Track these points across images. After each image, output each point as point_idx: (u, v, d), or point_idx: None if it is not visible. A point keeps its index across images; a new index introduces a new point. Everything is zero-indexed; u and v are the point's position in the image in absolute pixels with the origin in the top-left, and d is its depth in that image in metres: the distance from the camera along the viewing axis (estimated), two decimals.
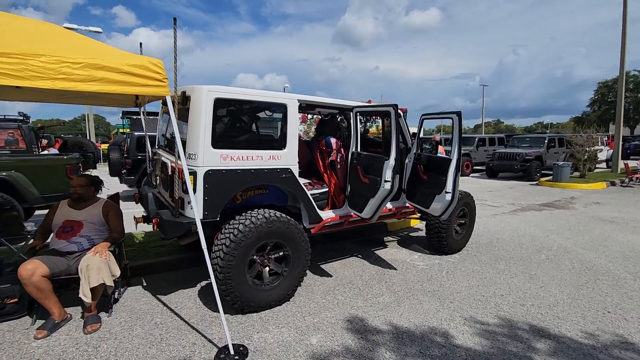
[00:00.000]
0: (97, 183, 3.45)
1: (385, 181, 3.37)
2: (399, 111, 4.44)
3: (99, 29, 17.98)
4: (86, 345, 2.74)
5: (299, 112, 4.40)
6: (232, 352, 2.57)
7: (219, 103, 3.03)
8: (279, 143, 3.39)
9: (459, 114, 3.73)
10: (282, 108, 3.38)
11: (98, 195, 3.53)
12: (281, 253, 3.40)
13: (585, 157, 13.35)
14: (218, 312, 3.25)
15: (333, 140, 4.03)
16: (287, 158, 3.42)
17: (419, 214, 4.96)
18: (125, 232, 3.57)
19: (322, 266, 4.54)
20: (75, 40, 2.41)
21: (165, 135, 3.86)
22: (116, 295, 3.51)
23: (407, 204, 4.53)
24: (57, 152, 9.87)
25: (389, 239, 5.82)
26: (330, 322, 3.15)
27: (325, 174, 4.09)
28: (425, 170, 4.29)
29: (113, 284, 3.00)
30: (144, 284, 3.91)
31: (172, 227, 3.03)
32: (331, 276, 4.21)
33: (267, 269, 3.37)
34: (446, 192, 3.88)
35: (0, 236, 3.54)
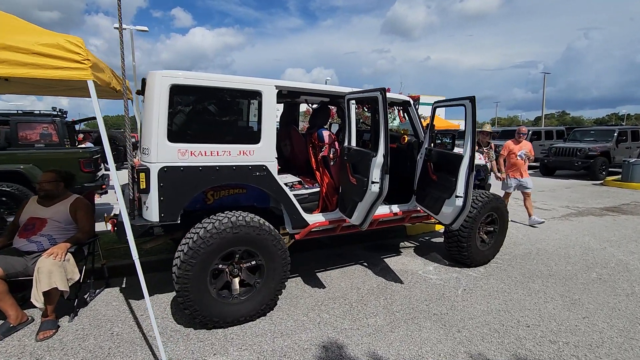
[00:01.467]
0: (68, 179, 3.27)
1: (373, 182, 2.79)
2: (409, 100, 3.79)
3: (145, 28, 18.77)
4: (29, 356, 2.53)
5: (283, 101, 3.92)
6: None
7: (177, 90, 2.65)
8: (252, 136, 2.94)
9: (472, 99, 3.00)
10: (255, 95, 2.93)
11: (71, 192, 3.35)
12: (253, 262, 2.97)
13: None
14: (182, 324, 2.95)
15: (326, 134, 3.50)
16: (262, 153, 2.97)
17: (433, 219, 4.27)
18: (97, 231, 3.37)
19: (319, 274, 4.05)
20: None
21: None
22: (87, 298, 3.33)
23: (418, 208, 3.87)
24: (92, 145, 10.34)
25: (405, 245, 5.17)
26: (302, 348, 2.67)
27: (317, 172, 3.58)
28: (436, 169, 3.60)
29: (67, 289, 2.77)
30: (123, 285, 3.70)
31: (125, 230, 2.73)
32: (324, 287, 3.71)
33: (238, 279, 2.96)
34: (456, 197, 3.19)
35: None
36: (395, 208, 3.84)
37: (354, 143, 3.28)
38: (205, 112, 2.84)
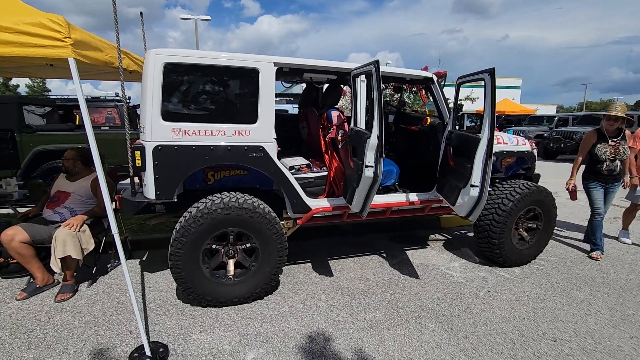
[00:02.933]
0: (88, 157, 3.50)
1: (367, 166, 2.53)
2: (432, 76, 3.40)
3: (208, 17, 19.67)
4: (44, 314, 2.80)
5: (285, 79, 3.75)
6: (147, 352, 2.25)
7: (171, 68, 2.64)
8: (248, 116, 2.85)
9: (491, 72, 2.54)
10: (252, 73, 2.81)
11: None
12: (248, 245, 2.93)
13: None
14: (181, 299, 3.04)
15: (334, 114, 3.27)
16: (259, 134, 2.87)
17: None
18: None
19: (331, 262, 3.90)
20: None
21: None
22: (109, 267, 3.59)
23: (440, 197, 3.49)
24: None
25: (435, 238, 4.76)
26: (287, 335, 2.58)
27: (326, 155, 3.39)
28: (455, 153, 3.18)
29: (80, 257, 3.00)
30: (144, 258, 3.93)
31: (127, 206, 2.85)
32: (331, 276, 3.56)
33: (233, 261, 2.95)
34: (472, 186, 2.78)
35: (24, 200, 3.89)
36: (413, 197, 3.51)
37: (362, 124, 3.02)
38: (200, 90, 2.81)
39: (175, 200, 2.81)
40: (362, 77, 2.92)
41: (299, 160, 3.48)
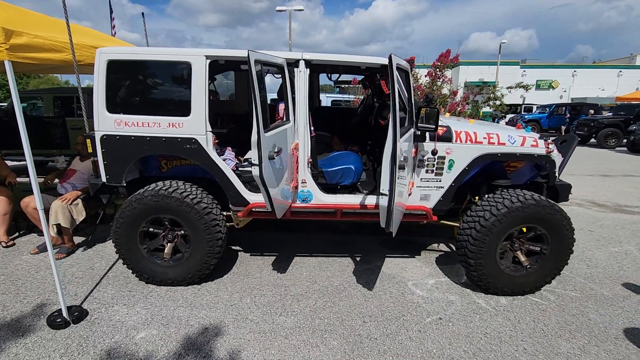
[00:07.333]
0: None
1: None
2: (384, 62, 2.95)
3: (301, 7, 20.32)
4: (34, 269, 3.46)
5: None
6: (64, 314, 2.62)
7: (113, 65, 2.90)
8: (182, 109, 2.95)
9: (389, 58, 2.01)
10: (185, 67, 2.89)
11: None
12: (182, 232, 3.08)
13: None
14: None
15: (281, 107, 3.13)
16: (192, 126, 2.95)
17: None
18: None
19: (296, 258, 3.80)
20: None
21: None
22: (108, 237, 4.20)
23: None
24: None
25: (433, 248, 4.17)
26: (187, 323, 2.67)
27: None
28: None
29: (68, 226, 3.59)
30: None
31: (92, 187, 3.28)
32: (282, 273, 3.48)
33: (171, 245, 3.14)
34: (381, 194, 2.34)
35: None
36: (370, 199, 3.15)
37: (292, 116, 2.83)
38: (138, 84, 3.02)
39: (125, 185, 3.12)
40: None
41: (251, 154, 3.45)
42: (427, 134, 3.00)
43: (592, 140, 15.24)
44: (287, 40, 19.69)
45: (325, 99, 11.62)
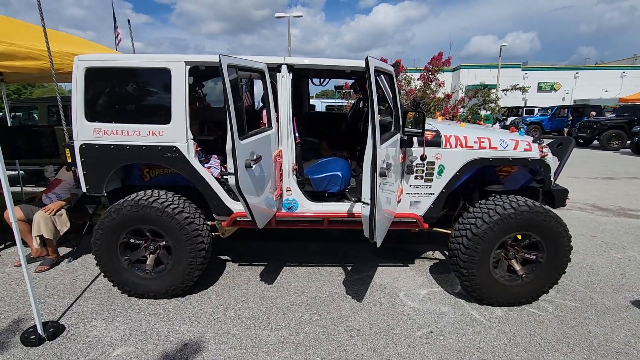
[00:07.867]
0: None
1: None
2: (361, 66, 2.85)
3: (300, 14, 20.39)
4: (15, 282, 3.38)
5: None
6: (39, 330, 2.52)
7: (91, 73, 2.83)
8: (162, 116, 2.87)
9: (366, 61, 1.91)
10: (164, 74, 2.81)
11: None
12: (164, 243, 2.99)
13: None
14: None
15: (264, 113, 3.04)
16: (172, 134, 2.87)
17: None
18: None
19: (285, 269, 3.68)
20: None
21: None
22: None
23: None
24: None
25: (430, 256, 4.04)
26: (166, 339, 2.56)
27: None
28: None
29: (51, 237, 3.51)
30: None
31: (73, 198, 3.20)
32: (270, 284, 3.37)
33: (153, 256, 3.05)
34: (363, 203, 2.23)
35: None
36: (358, 207, 3.04)
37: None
38: (117, 92, 2.95)
39: (105, 195, 3.04)
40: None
41: None
42: (415, 139, 2.90)
43: (595, 142, 15.05)
44: (288, 46, 19.72)
45: (320, 104, 11.49)
